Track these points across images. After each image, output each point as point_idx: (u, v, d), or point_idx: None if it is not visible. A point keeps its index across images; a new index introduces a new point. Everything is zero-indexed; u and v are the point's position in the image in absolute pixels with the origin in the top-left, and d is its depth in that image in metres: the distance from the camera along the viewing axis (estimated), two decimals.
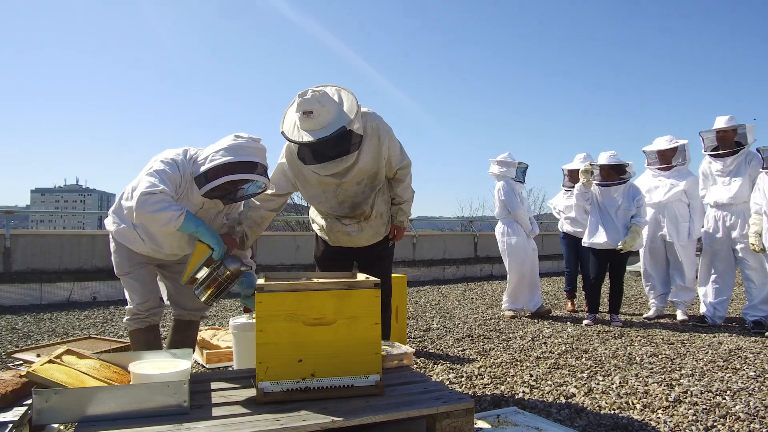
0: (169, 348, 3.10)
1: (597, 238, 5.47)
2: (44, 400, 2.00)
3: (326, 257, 3.49)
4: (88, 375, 2.31)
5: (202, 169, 2.75)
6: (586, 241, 5.62)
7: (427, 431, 2.29)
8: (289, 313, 2.32)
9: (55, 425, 2.38)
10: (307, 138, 2.83)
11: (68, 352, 2.48)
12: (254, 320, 3.45)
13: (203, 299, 2.84)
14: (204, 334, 4.15)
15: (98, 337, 4.29)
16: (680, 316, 5.76)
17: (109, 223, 3.04)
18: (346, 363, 2.37)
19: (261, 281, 2.41)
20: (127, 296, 3.07)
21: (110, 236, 3.07)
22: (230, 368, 3.67)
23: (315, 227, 3.50)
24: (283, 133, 2.95)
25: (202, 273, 2.83)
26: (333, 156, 2.94)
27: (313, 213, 3.44)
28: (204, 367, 3.83)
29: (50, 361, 2.29)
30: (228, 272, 2.78)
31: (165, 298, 3.21)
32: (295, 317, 2.32)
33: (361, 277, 2.70)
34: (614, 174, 5.51)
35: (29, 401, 2.17)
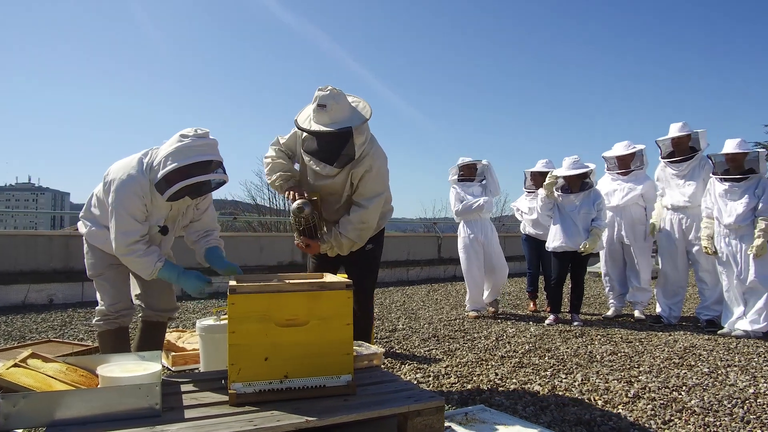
0: (137, 350, 3.06)
1: (559, 242, 5.61)
2: (12, 404, 1.97)
3: (312, 259, 3.66)
4: (55, 379, 2.27)
5: (159, 176, 2.72)
6: (548, 246, 5.76)
7: (399, 430, 2.33)
8: (261, 314, 2.33)
9: (20, 430, 2.33)
10: (315, 127, 3.05)
11: (33, 355, 2.44)
12: (221, 322, 3.46)
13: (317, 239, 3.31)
14: (169, 336, 4.09)
15: (59, 340, 4.20)
16: (637, 315, 5.96)
17: (81, 227, 3.05)
18: (319, 363, 2.39)
19: (233, 282, 2.41)
20: (98, 297, 3.06)
21: (84, 239, 3.06)
22: (197, 371, 3.64)
23: None
24: (295, 121, 3.20)
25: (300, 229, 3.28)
26: (321, 157, 3.14)
27: None
28: (170, 369, 3.78)
29: (16, 365, 2.25)
30: (292, 216, 3.21)
31: (133, 294, 3.17)
32: (267, 318, 2.33)
33: (333, 278, 2.73)
34: (578, 181, 5.65)
35: None
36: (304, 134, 3.22)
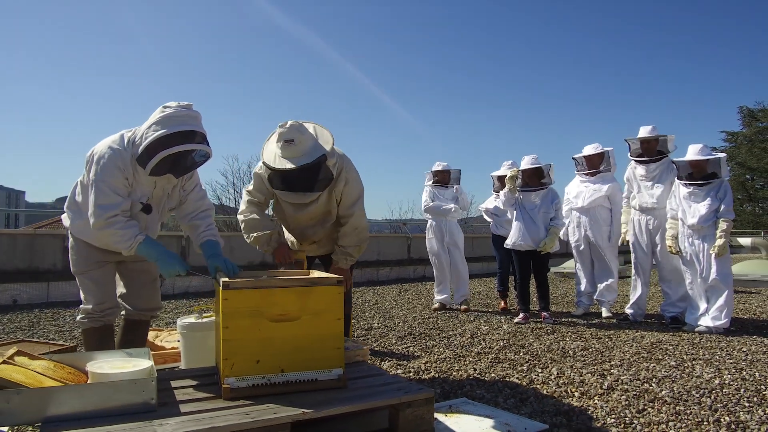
0: (119, 348, 3.03)
1: (519, 239, 5.77)
2: (5, 401, 1.95)
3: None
4: (45, 375, 2.25)
5: (140, 149, 2.65)
6: (508, 243, 5.91)
7: (390, 421, 2.38)
8: (253, 309, 2.35)
9: (6, 428, 2.31)
10: (289, 165, 3.02)
11: (19, 353, 2.40)
12: (203, 320, 3.46)
13: None
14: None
15: (32, 340, 4.11)
16: (605, 313, 6.14)
17: (65, 219, 2.97)
18: (310, 358, 2.42)
19: (225, 279, 2.43)
20: (82, 296, 2.98)
21: (68, 233, 2.99)
22: (177, 369, 3.62)
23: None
24: (265, 162, 3.14)
25: None
26: (299, 189, 3.16)
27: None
28: None
29: (4, 362, 2.22)
30: None
31: (118, 293, 3.12)
32: (259, 314, 2.36)
33: (322, 274, 2.77)
34: (536, 178, 5.81)
35: None
36: (270, 172, 3.19)
